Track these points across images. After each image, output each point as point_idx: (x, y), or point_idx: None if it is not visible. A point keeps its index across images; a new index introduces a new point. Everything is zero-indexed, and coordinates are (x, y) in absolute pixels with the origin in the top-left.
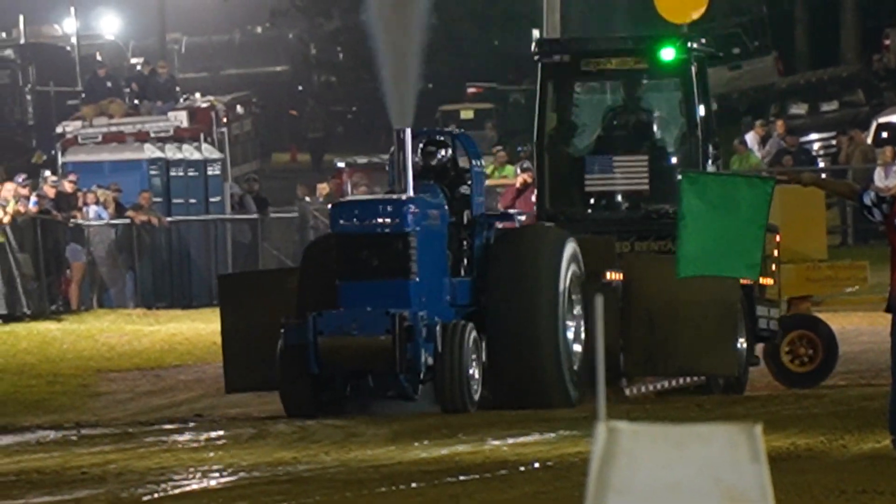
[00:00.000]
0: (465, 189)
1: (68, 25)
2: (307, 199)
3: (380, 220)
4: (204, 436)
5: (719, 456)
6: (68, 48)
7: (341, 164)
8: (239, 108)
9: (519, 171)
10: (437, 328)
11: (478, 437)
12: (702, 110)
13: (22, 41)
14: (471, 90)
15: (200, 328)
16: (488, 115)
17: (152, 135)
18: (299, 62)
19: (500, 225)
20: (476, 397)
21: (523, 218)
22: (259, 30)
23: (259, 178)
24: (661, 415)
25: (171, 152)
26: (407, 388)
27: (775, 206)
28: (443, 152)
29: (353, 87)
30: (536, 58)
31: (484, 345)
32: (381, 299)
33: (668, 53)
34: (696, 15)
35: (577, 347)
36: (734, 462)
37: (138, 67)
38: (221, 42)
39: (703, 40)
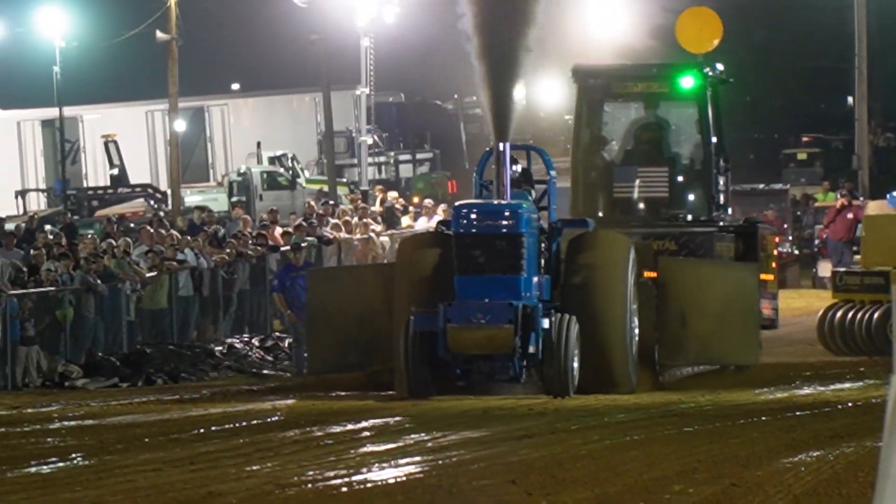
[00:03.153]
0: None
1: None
2: None
3: (500, 223)
4: None
5: None
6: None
7: None
8: None
9: (839, 196)
10: (552, 319)
11: (806, 384)
12: (714, 129)
13: None
14: (805, 139)
15: None
16: (817, 156)
17: None
18: None
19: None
20: (576, 383)
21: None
22: None
23: None
24: None
25: None
26: (517, 373)
27: None
28: (515, 166)
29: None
30: (573, 81)
31: None
32: (496, 292)
33: (687, 81)
34: (710, 47)
35: (636, 340)
36: None
37: (569, 119)
38: None
39: (720, 69)
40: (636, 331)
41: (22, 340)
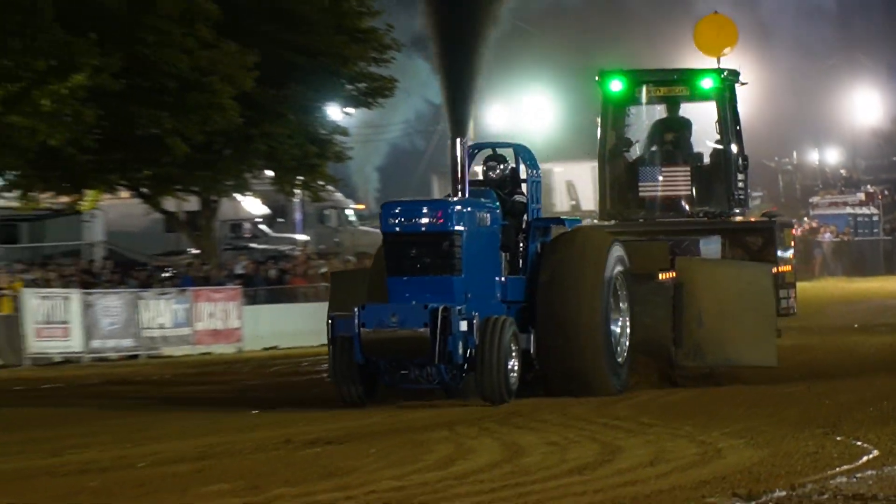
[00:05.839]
0: (520, 197)
1: None
2: None
3: (425, 221)
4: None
5: None
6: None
7: None
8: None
9: None
10: (475, 322)
11: None
12: (732, 128)
13: None
14: None
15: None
16: None
17: (848, 203)
18: None
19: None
20: (514, 387)
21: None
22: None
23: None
24: None
25: (857, 210)
26: (447, 379)
27: None
28: (502, 166)
29: None
30: (599, 86)
31: (532, 337)
32: (428, 295)
33: (706, 83)
34: (727, 51)
35: (624, 340)
36: None
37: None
38: (878, 162)
39: (737, 70)
40: (623, 330)
41: None
